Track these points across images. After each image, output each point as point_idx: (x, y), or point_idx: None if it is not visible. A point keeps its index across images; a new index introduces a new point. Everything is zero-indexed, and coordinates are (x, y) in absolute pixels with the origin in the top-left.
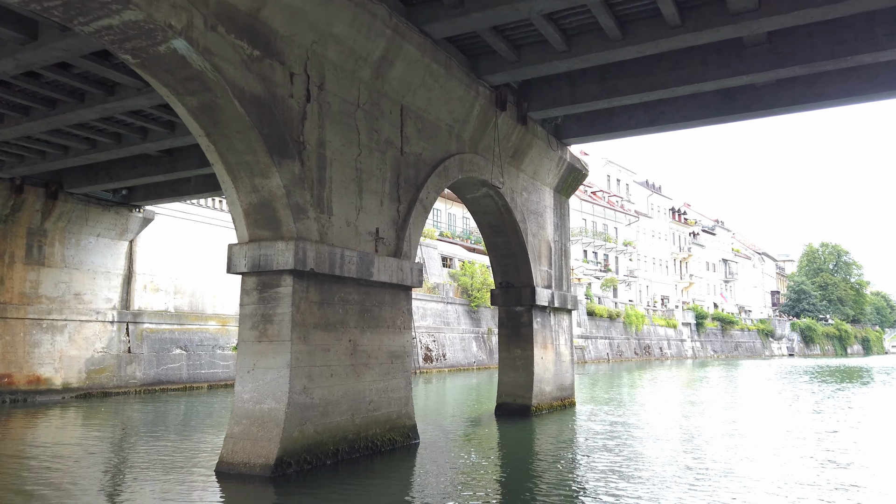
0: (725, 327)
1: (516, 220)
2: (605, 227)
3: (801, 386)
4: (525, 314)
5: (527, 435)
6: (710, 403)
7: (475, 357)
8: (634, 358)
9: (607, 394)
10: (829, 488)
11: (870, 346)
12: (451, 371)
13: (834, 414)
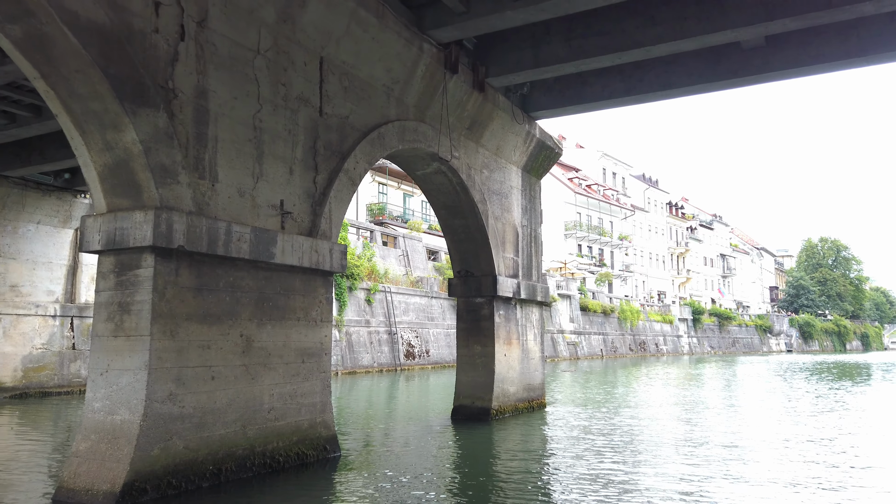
0: (723, 323)
1: (474, 200)
2: (600, 220)
3: (800, 385)
4: (486, 306)
5: (478, 444)
6: (700, 405)
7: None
8: (629, 354)
9: (588, 393)
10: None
11: (869, 342)
12: (434, 368)
13: (833, 417)
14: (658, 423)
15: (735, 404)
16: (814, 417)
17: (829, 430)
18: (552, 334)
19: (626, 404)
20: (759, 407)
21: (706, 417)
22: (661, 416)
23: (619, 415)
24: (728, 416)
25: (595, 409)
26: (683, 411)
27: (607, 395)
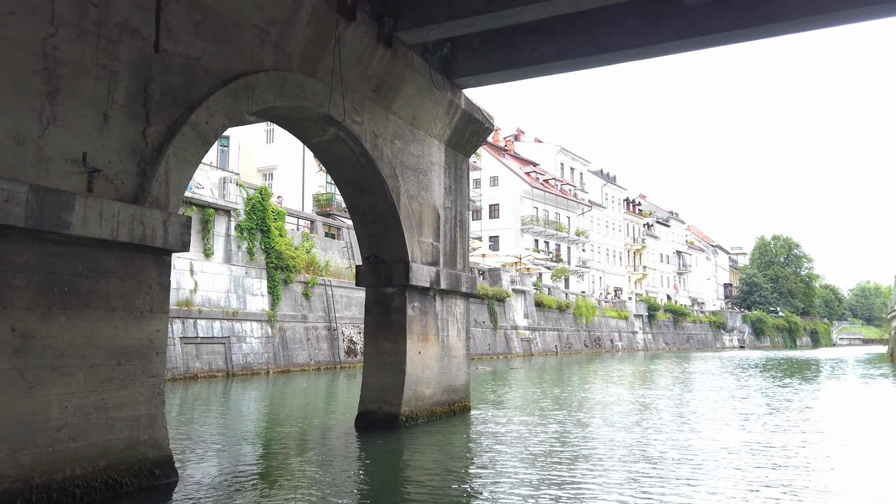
0: (678, 319)
1: (382, 175)
2: (557, 216)
3: (752, 383)
4: (397, 297)
5: (376, 458)
6: (647, 407)
7: None
8: (584, 350)
9: (528, 393)
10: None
11: (818, 338)
12: None
13: (783, 418)
14: (599, 428)
15: (686, 406)
16: (764, 419)
17: (780, 434)
18: (506, 330)
19: (567, 405)
20: (709, 408)
21: (653, 421)
22: (603, 419)
23: (555, 418)
24: (677, 420)
25: (529, 411)
26: (629, 413)
27: (548, 395)
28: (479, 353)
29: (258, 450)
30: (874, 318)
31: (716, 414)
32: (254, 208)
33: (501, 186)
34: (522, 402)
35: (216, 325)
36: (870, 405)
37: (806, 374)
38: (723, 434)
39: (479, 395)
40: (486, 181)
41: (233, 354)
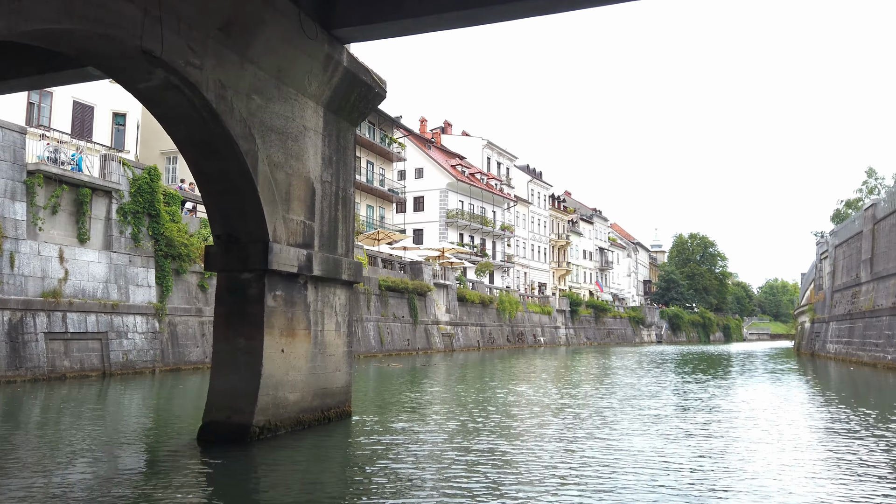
0: (599, 315)
1: (232, 135)
2: (482, 210)
3: (666, 379)
4: (254, 284)
5: (208, 484)
6: (558, 407)
7: None
8: (507, 345)
9: (429, 393)
10: None
11: (730, 333)
12: None
13: (694, 416)
14: (494, 437)
15: (594, 406)
16: (674, 420)
17: (687, 438)
18: (426, 325)
19: (469, 407)
20: (619, 409)
21: (555, 426)
22: (502, 425)
23: (450, 424)
24: (583, 423)
25: (422, 416)
26: (531, 416)
27: (452, 395)
28: (397, 348)
29: (60, 475)
30: (781, 314)
31: (623, 415)
32: (141, 190)
33: (426, 179)
34: (419, 405)
35: (91, 318)
36: (780, 405)
37: (718, 369)
38: (627, 439)
39: (375, 397)
40: (411, 173)
41: (111, 352)
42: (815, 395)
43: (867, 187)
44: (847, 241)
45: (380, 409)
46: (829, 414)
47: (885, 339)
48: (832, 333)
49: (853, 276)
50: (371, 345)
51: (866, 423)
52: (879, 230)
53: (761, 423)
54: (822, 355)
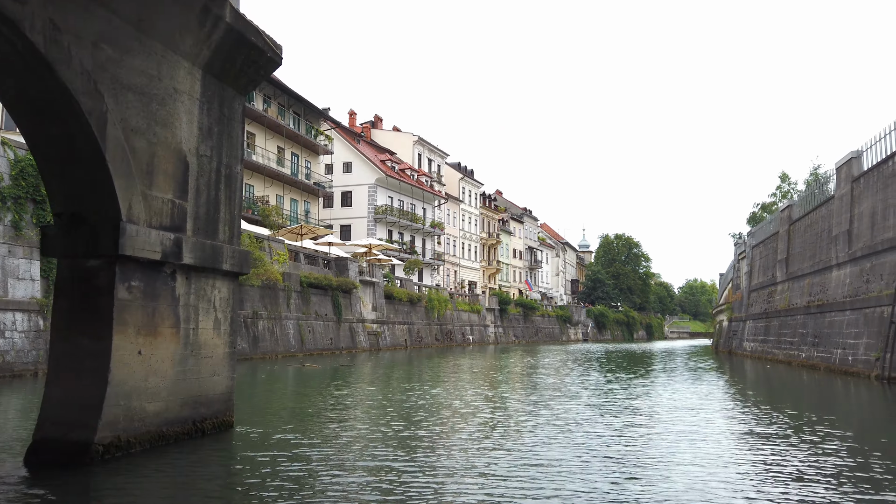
0: (528, 313)
1: (70, 89)
2: (412, 207)
3: (591, 378)
4: (102, 273)
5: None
6: (473, 411)
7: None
8: (435, 344)
9: (334, 397)
10: None
11: (653, 332)
12: None
13: (619, 421)
14: (400, 447)
15: (513, 412)
16: (596, 421)
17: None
18: (351, 323)
19: (373, 413)
20: (537, 411)
21: (466, 433)
22: (401, 436)
23: (350, 433)
24: (495, 431)
25: (315, 424)
26: (439, 423)
27: (359, 399)
28: (319, 348)
29: None
30: (700, 313)
31: (538, 420)
32: (24, 173)
33: (355, 174)
34: (319, 410)
35: None
36: (700, 405)
37: (641, 368)
38: (536, 449)
39: (273, 404)
40: (339, 167)
41: None
42: (735, 396)
43: (781, 192)
44: (764, 242)
45: (273, 417)
46: (749, 416)
47: (800, 337)
48: (749, 332)
49: (769, 275)
50: (290, 344)
51: (787, 423)
52: (795, 231)
53: (679, 427)
54: (740, 353)
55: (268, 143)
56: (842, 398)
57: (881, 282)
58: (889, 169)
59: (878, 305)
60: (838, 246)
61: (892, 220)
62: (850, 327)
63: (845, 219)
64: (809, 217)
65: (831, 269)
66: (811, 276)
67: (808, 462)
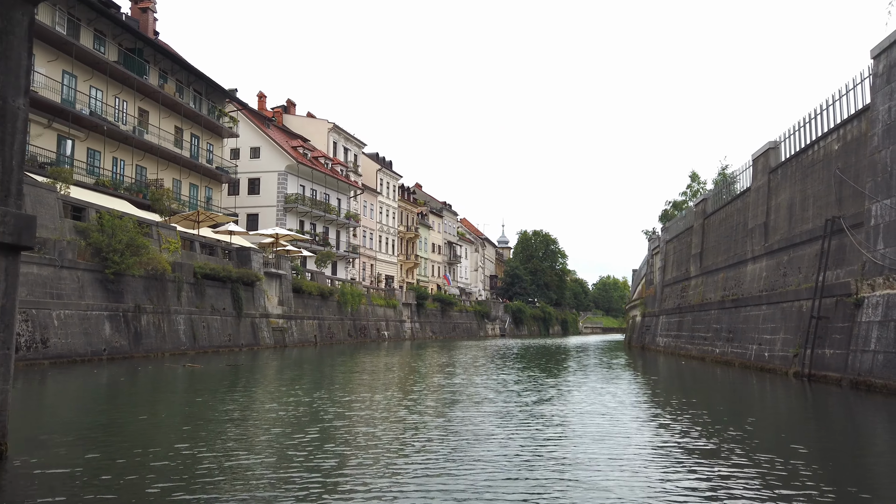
0: (445, 308)
1: None
2: (326, 196)
3: (499, 376)
4: None
5: None
6: (334, 425)
7: (107, 343)
8: (348, 340)
9: (178, 408)
10: None
11: (568, 327)
12: (57, 364)
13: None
14: (218, 488)
15: (399, 420)
16: (493, 441)
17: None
18: (254, 318)
19: (220, 430)
20: (422, 422)
21: (327, 456)
22: (238, 463)
23: (165, 462)
24: (366, 453)
25: (130, 448)
26: (294, 443)
27: (209, 409)
28: (215, 345)
29: None
30: (612, 309)
31: (424, 434)
32: None
33: (263, 160)
34: (147, 428)
35: None
36: (613, 411)
37: (554, 364)
38: (426, 466)
39: (99, 416)
40: (246, 152)
41: None
42: (651, 398)
43: (691, 190)
44: (678, 237)
45: (78, 439)
46: (669, 425)
47: (714, 332)
48: (662, 327)
49: (683, 270)
50: (180, 341)
51: (710, 430)
52: (709, 225)
53: (591, 450)
54: (653, 348)
55: (163, 122)
56: (762, 398)
57: (799, 275)
58: (808, 159)
59: (796, 299)
60: (754, 239)
61: (811, 210)
62: (766, 322)
63: (762, 211)
64: (724, 210)
65: (746, 263)
66: (726, 270)
67: (734, 475)
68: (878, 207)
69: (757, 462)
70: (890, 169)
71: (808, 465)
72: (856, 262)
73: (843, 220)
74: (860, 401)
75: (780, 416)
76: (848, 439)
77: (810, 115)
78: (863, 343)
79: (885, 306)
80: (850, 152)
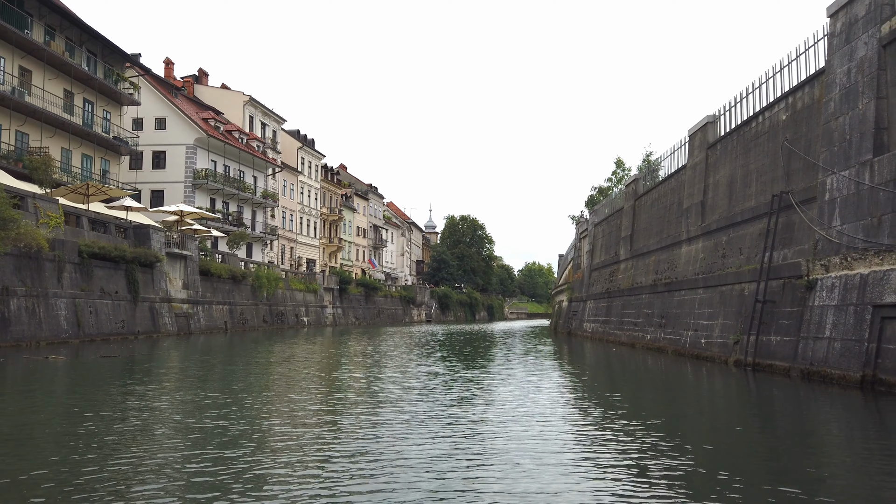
0: (370, 293)
1: None
2: (241, 174)
3: (418, 366)
4: None
5: None
6: (177, 440)
7: None
8: (263, 326)
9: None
10: None
11: (494, 313)
12: None
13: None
14: None
15: (268, 428)
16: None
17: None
18: (153, 303)
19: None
20: (294, 435)
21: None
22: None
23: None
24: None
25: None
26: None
27: (41, 418)
28: (105, 332)
29: None
30: (538, 294)
31: (324, 452)
32: None
33: (170, 131)
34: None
35: None
36: (538, 412)
37: (478, 351)
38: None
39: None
40: (150, 123)
41: None
42: (582, 395)
43: (616, 177)
44: (607, 219)
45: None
46: (598, 416)
47: (645, 318)
48: (590, 312)
49: (612, 253)
50: (61, 328)
51: (654, 434)
52: (641, 206)
53: (510, 476)
54: (580, 334)
55: (49, 84)
56: (699, 388)
57: (740, 256)
58: (752, 131)
59: (736, 282)
60: (690, 219)
61: (755, 187)
62: (703, 307)
63: (698, 189)
64: (657, 190)
65: (681, 245)
66: (658, 252)
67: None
68: (833, 180)
69: (698, 463)
70: (849, 137)
71: (756, 460)
72: (806, 241)
73: (792, 196)
74: (812, 392)
75: (727, 409)
76: (800, 432)
77: (754, 84)
78: (815, 329)
79: (843, 289)
80: (801, 122)
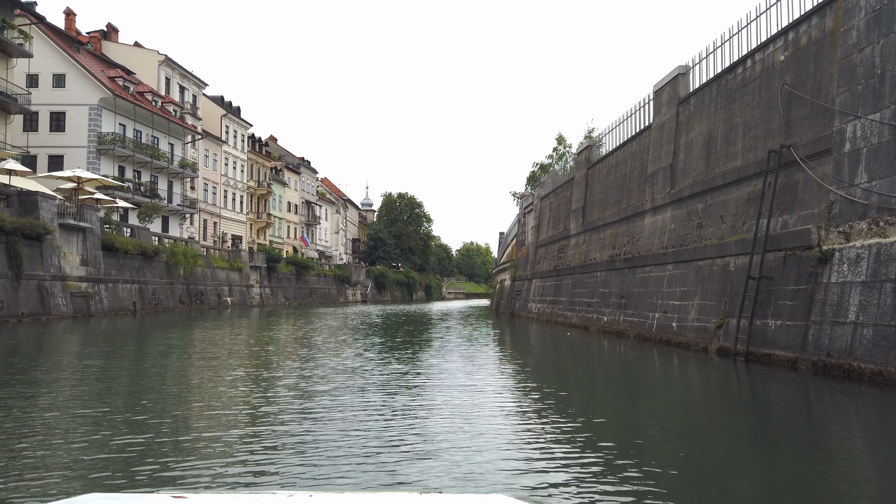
0: (301, 273)
1: None
2: (154, 140)
3: (342, 353)
4: None
5: None
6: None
7: None
8: (179, 307)
9: None
10: None
11: (431, 293)
12: None
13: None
14: None
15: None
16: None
17: None
18: (42, 281)
19: None
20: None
21: None
22: None
23: None
24: None
25: None
26: None
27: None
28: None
29: None
30: (475, 274)
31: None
32: None
33: (70, 90)
34: None
35: None
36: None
37: (414, 339)
38: None
39: None
40: (48, 80)
41: None
42: (530, 391)
43: (557, 153)
44: (556, 191)
45: None
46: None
47: (600, 297)
48: (536, 291)
49: (561, 228)
50: None
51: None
52: (595, 175)
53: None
54: (524, 315)
55: None
56: (680, 381)
57: (723, 225)
58: (737, 79)
59: (718, 256)
60: (655, 186)
61: (742, 143)
62: (673, 285)
63: (667, 151)
64: (614, 156)
65: (644, 215)
66: (615, 224)
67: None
68: (857, 127)
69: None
70: (879, 70)
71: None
72: (816, 205)
73: (795, 150)
74: (833, 392)
75: (719, 413)
76: (829, 452)
77: (739, 23)
78: (833, 312)
79: (874, 261)
80: (806, 60)
